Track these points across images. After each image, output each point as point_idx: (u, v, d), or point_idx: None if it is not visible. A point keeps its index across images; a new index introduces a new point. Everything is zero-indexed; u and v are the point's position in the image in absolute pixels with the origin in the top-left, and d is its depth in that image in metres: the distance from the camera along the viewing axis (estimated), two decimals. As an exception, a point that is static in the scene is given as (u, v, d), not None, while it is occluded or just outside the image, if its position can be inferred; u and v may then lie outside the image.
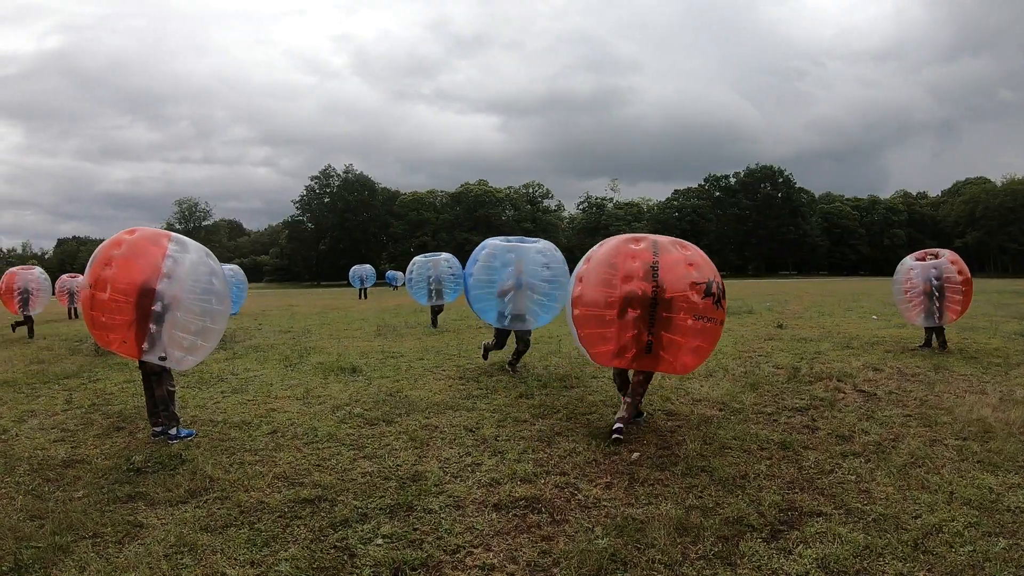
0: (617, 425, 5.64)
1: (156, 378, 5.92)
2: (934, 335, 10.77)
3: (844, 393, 7.53)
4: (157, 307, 5.55)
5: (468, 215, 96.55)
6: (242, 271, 18.25)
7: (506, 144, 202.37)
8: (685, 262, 5.60)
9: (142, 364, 5.93)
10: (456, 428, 6.18)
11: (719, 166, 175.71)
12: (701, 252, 5.85)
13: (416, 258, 16.48)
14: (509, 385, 8.17)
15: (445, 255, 16.39)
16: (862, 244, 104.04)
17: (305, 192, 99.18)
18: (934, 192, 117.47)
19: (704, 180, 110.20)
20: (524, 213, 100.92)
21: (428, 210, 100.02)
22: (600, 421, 6.35)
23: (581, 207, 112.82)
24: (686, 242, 5.95)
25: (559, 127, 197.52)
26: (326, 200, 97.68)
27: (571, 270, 6.54)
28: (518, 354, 9.04)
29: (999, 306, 20.22)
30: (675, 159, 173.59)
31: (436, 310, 16.36)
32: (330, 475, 4.86)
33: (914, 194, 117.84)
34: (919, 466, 4.90)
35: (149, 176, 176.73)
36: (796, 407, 6.88)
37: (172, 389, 5.99)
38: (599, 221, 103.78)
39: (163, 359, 5.71)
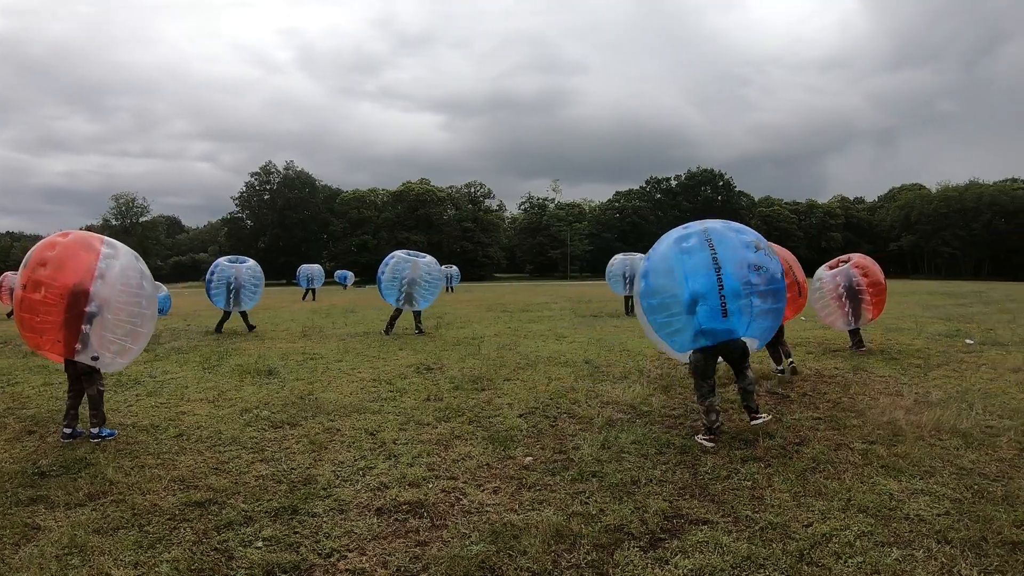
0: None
1: (87, 378, 5.91)
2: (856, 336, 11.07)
3: (757, 396, 7.44)
4: (91, 308, 5.66)
5: (410, 214, 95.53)
6: (259, 266, 16.50)
7: (450, 143, 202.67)
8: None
9: (70, 366, 5.95)
10: (357, 431, 6.03)
11: (663, 168, 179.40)
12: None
13: (396, 253, 14.87)
14: (420, 388, 8.05)
15: (428, 258, 14.89)
16: (800, 247, 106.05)
17: (245, 189, 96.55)
18: (871, 197, 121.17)
19: (645, 182, 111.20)
20: (465, 212, 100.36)
21: (369, 209, 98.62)
22: (502, 423, 6.28)
23: (523, 207, 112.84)
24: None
25: (503, 127, 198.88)
26: (266, 197, 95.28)
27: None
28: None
29: (927, 307, 20.78)
30: (619, 161, 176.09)
31: (416, 314, 14.73)
32: (225, 478, 4.82)
33: (851, 199, 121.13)
34: (819, 471, 4.82)
35: (87, 169, 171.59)
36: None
37: (102, 389, 6.03)
38: (540, 221, 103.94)
39: (95, 359, 5.81)
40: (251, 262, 16.06)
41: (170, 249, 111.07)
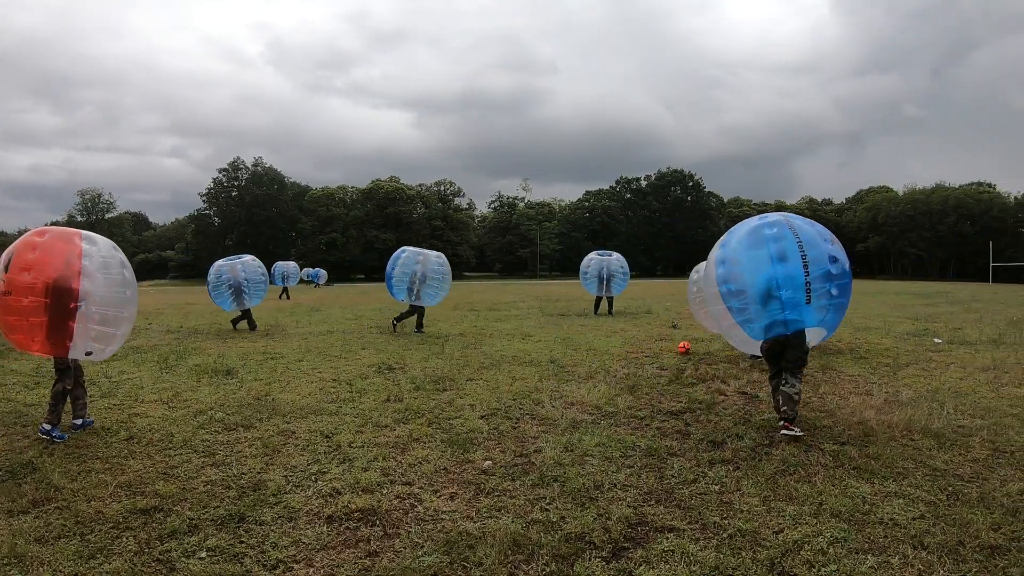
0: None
1: (59, 374, 5.92)
2: None
3: (725, 396, 7.36)
4: (81, 306, 5.67)
5: (379, 212, 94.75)
6: (257, 260, 16.08)
7: (420, 141, 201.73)
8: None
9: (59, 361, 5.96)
10: (312, 434, 5.74)
11: (633, 169, 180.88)
12: None
13: (405, 248, 14.38)
14: (380, 388, 7.76)
15: (437, 253, 14.52)
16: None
17: (212, 185, 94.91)
18: (839, 199, 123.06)
19: (616, 182, 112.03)
20: (435, 211, 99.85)
21: (338, 206, 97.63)
22: (462, 425, 6.04)
23: (493, 206, 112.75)
24: None
25: (474, 126, 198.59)
26: (234, 194, 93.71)
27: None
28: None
29: (895, 307, 21.09)
30: (589, 161, 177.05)
31: (419, 313, 14.20)
32: (173, 484, 4.57)
33: (819, 200, 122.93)
34: (790, 474, 4.67)
35: (52, 164, 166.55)
36: (671, 410, 6.68)
37: (68, 388, 5.95)
38: (510, 220, 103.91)
39: (89, 354, 5.88)
40: (248, 257, 15.62)
41: (136, 246, 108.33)
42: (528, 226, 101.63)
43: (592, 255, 18.52)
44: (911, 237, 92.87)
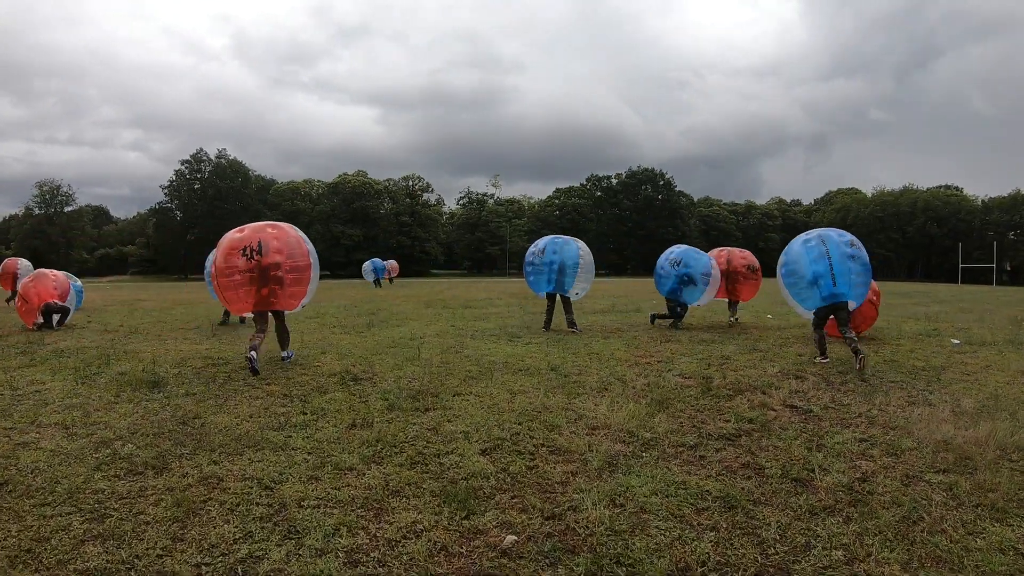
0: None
1: (278, 316, 8.78)
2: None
3: (774, 411, 6.11)
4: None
5: (345, 207, 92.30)
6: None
7: (385, 138, 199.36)
8: None
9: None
10: (247, 483, 4.06)
11: (598, 168, 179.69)
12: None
13: (543, 239, 12.93)
14: (344, 407, 6.06)
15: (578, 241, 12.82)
16: (738, 246, 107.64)
17: (175, 177, 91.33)
18: (806, 200, 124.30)
19: (586, 180, 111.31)
20: (403, 206, 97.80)
21: (303, 201, 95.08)
22: (459, 465, 4.43)
23: (461, 203, 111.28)
24: None
25: (439, 123, 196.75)
26: (196, 187, 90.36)
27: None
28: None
29: (886, 307, 19.95)
30: (554, 160, 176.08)
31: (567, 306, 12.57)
32: (30, 571, 3.02)
33: (788, 201, 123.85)
34: (915, 522, 3.57)
35: (11, 156, 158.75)
36: (723, 434, 5.28)
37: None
38: (479, 217, 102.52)
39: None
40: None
41: (96, 241, 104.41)
42: (497, 223, 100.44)
43: (543, 240, 13.78)
44: (880, 238, 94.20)
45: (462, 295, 26.95)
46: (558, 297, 12.74)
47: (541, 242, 12.85)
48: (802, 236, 9.41)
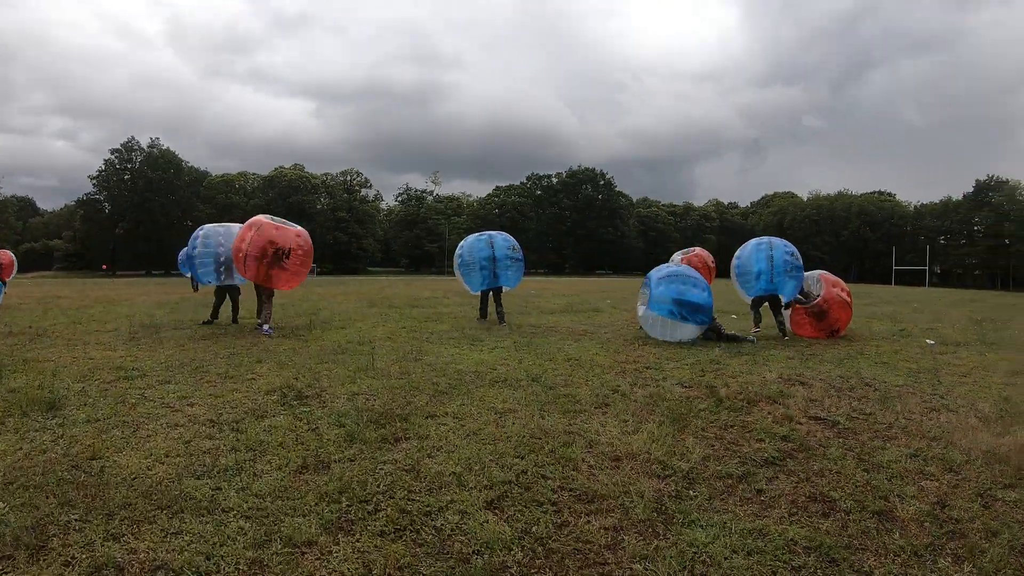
0: None
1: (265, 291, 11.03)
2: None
3: (800, 424, 5.37)
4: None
5: (281, 201, 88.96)
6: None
7: (321, 132, 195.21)
8: None
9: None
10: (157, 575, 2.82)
11: (535, 168, 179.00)
12: None
13: (469, 236, 13.77)
14: (289, 439, 4.70)
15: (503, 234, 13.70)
16: (676, 247, 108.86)
17: (104, 167, 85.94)
18: (742, 203, 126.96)
19: (527, 178, 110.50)
20: (340, 202, 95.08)
21: (238, 194, 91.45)
22: (465, 533, 3.23)
23: (400, 199, 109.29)
24: None
25: (376, 118, 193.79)
26: (126, 177, 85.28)
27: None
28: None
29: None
30: (493, 159, 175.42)
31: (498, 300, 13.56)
32: None
33: (726, 203, 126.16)
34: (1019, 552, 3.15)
35: None
36: (766, 458, 4.43)
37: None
38: (418, 214, 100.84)
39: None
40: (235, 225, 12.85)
41: (20, 235, 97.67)
42: (436, 220, 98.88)
43: (469, 237, 14.18)
44: (815, 241, 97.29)
45: (404, 293, 25.57)
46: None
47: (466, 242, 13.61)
48: (755, 240, 12.06)
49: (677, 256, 18.91)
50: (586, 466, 4.14)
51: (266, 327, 10.82)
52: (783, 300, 11.44)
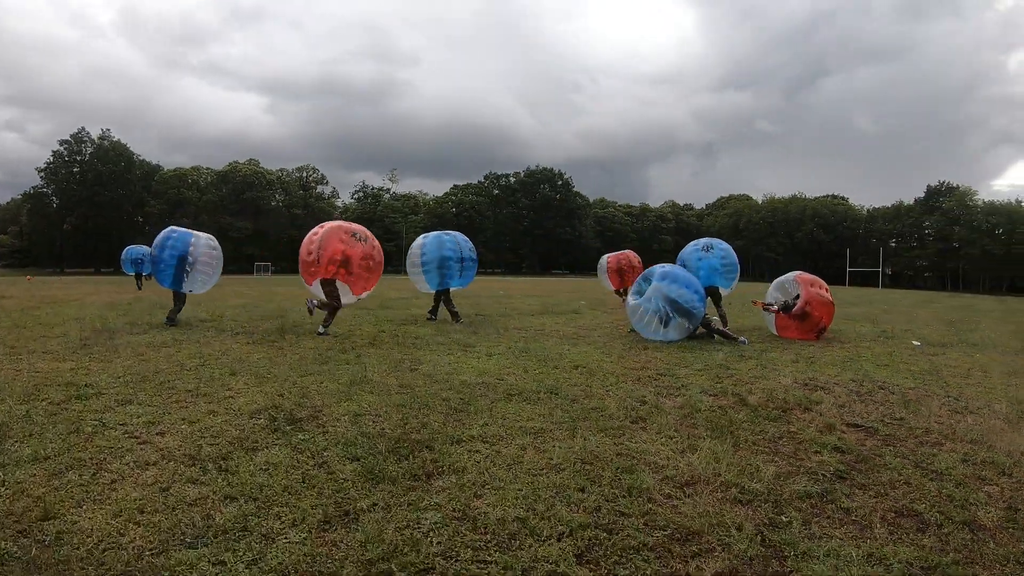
0: None
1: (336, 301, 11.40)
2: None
3: (845, 432, 5.17)
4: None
5: (235, 197, 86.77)
6: (215, 241, 13.47)
7: (276, 128, 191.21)
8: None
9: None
10: None
11: (492, 167, 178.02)
12: None
13: (426, 235, 14.16)
14: (294, 481, 3.78)
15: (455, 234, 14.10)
16: (633, 248, 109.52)
17: (52, 159, 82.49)
18: (696, 205, 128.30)
19: (484, 177, 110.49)
20: (296, 198, 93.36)
21: (190, 189, 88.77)
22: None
23: (356, 196, 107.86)
24: None
25: (333, 114, 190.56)
26: (76, 170, 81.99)
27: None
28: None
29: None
30: (449, 157, 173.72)
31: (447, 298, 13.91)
32: None
33: (682, 205, 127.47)
34: None
35: None
36: (833, 471, 4.20)
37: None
38: (375, 212, 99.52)
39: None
40: (205, 235, 13.06)
41: None
42: (393, 219, 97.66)
43: (428, 235, 14.34)
44: (770, 242, 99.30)
45: (372, 293, 24.72)
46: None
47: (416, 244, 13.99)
48: (693, 242, 13.97)
49: (604, 258, 20.62)
50: (661, 496, 3.64)
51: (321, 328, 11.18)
52: (722, 293, 13.26)
